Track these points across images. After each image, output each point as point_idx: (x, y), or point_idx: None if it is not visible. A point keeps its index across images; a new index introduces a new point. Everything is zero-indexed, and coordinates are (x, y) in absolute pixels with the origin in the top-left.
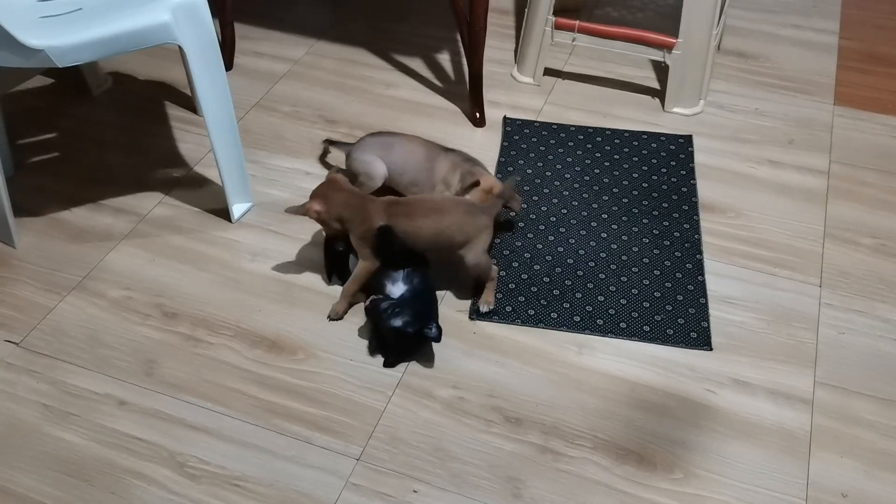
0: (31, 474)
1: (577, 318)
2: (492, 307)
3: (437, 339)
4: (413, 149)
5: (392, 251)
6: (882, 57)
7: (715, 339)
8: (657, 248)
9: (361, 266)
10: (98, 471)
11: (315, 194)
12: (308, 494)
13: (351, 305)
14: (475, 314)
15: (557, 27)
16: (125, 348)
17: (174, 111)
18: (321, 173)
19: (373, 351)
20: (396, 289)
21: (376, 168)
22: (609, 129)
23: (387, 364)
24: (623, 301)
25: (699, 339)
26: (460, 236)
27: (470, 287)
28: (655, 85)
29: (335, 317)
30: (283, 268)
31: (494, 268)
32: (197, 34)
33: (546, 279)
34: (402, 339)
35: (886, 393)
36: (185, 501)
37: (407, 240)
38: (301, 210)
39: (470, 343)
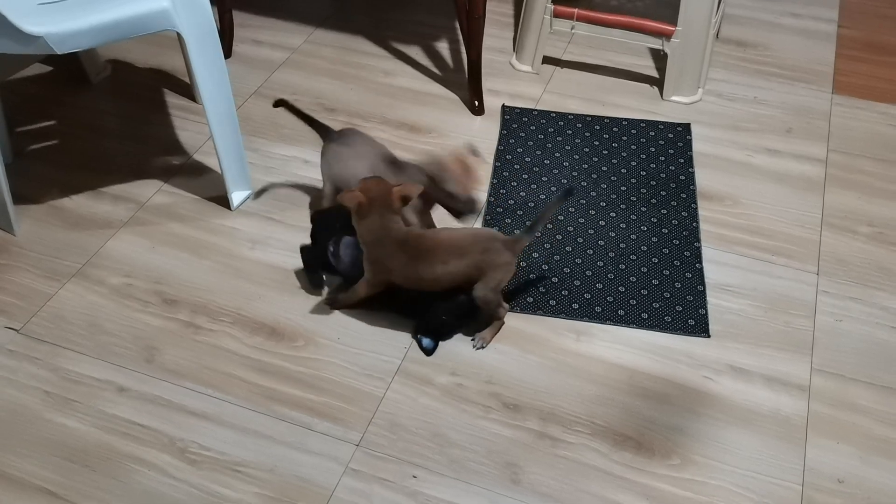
0: (33, 460)
1: (575, 306)
2: (486, 345)
3: (431, 350)
4: (360, 164)
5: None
6: (881, 45)
7: (713, 327)
8: (655, 236)
9: (362, 288)
10: (99, 456)
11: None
12: (308, 480)
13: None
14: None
15: (556, 15)
16: (125, 335)
17: (173, 99)
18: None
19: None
20: None
21: (325, 189)
22: (607, 118)
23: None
24: (621, 289)
25: (697, 326)
26: (477, 273)
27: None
28: (654, 73)
29: (332, 305)
30: (283, 255)
31: (504, 308)
32: (196, 21)
33: (544, 267)
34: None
35: (883, 380)
36: (186, 487)
37: (424, 285)
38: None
39: (469, 331)
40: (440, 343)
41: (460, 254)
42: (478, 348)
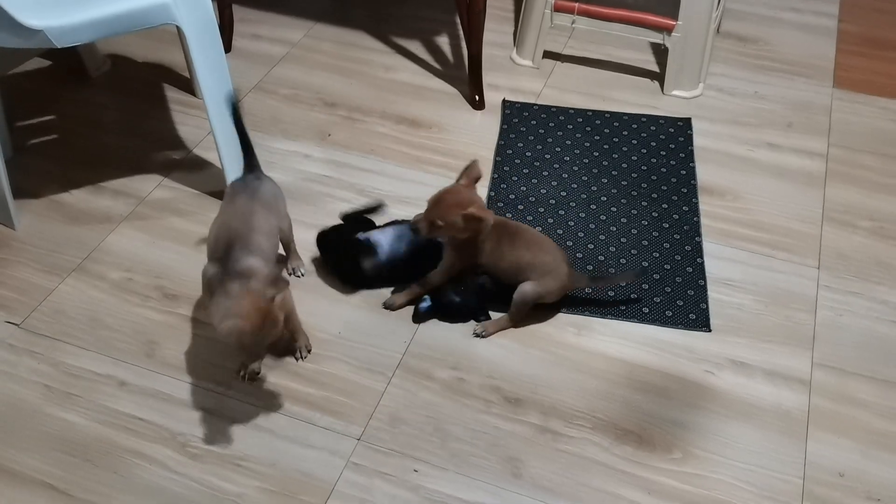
0: (34, 454)
1: (576, 300)
2: (486, 335)
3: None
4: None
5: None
6: (881, 40)
7: (713, 321)
8: (656, 231)
9: (439, 275)
10: (100, 451)
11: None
12: (309, 474)
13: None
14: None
15: (557, 9)
16: (126, 329)
17: (173, 93)
18: (320, 156)
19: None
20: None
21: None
22: (608, 112)
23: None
24: (622, 283)
25: (698, 320)
26: (534, 274)
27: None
28: (655, 68)
29: (392, 307)
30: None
31: (518, 322)
32: (196, 15)
33: None
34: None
35: (883, 374)
36: (187, 481)
37: (492, 262)
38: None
39: (469, 325)
40: (444, 326)
41: (537, 247)
42: (477, 334)
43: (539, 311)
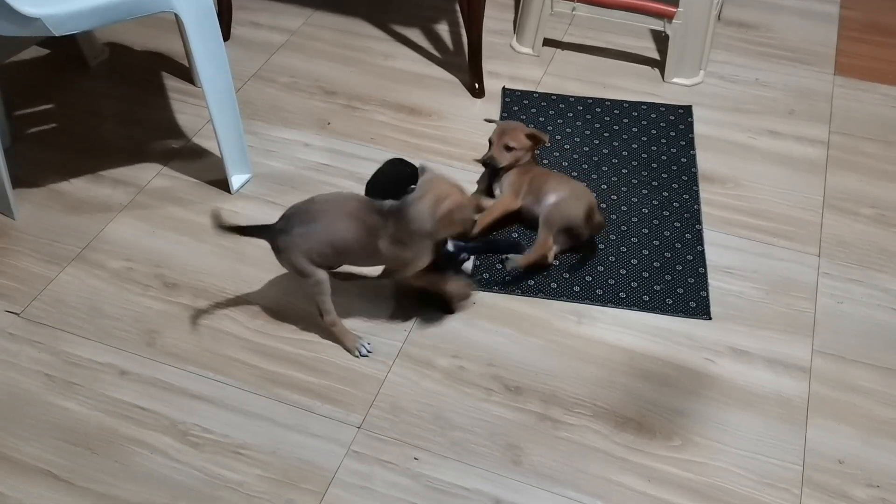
0: (35, 443)
1: (576, 289)
2: (516, 270)
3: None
4: (344, 229)
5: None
6: (883, 27)
7: (714, 309)
8: (657, 219)
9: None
10: (101, 439)
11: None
12: (310, 462)
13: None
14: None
15: None
16: (126, 318)
17: (172, 82)
18: (320, 145)
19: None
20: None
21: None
22: (608, 100)
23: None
24: (622, 271)
25: (698, 308)
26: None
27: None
28: (655, 55)
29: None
30: None
31: (548, 255)
32: (194, 3)
33: None
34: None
35: (883, 361)
36: (188, 469)
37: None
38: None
39: (470, 313)
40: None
41: (567, 181)
42: (510, 268)
43: (540, 296)
